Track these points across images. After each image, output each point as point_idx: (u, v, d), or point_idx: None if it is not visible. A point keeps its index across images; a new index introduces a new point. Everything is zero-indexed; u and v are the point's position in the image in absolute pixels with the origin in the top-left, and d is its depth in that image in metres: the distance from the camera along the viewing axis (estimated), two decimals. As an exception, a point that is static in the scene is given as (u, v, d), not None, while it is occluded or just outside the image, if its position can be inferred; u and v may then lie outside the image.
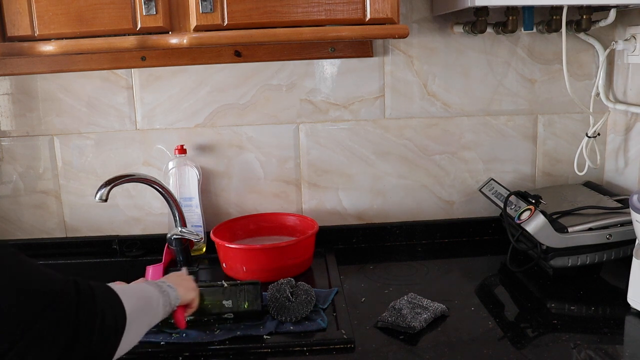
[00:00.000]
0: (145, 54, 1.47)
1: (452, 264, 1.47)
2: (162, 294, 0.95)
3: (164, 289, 0.97)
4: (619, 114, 1.54)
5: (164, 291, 0.96)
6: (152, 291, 0.94)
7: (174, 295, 0.99)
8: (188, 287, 1.05)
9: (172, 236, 1.43)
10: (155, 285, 0.97)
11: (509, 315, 1.19)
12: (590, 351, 1.02)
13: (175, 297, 0.99)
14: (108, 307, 0.75)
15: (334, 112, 1.56)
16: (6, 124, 1.53)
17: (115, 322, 0.76)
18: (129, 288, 0.90)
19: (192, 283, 1.08)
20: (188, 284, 1.06)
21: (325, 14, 1.20)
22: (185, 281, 1.07)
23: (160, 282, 0.99)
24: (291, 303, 1.13)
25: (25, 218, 1.58)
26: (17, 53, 1.21)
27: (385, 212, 1.62)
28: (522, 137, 1.60)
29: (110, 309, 0.76)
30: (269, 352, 1.05)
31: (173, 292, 0.99)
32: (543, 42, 1.54)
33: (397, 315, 1.13)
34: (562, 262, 1.28)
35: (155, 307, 0.92)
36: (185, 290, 1.04)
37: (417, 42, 1.52)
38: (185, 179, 1.50)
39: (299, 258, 1.37)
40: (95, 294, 0.74)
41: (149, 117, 1.54)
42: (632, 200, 1.08)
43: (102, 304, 0.74)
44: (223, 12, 1.17)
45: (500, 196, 1.43)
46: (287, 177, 1.59)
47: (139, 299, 0.87)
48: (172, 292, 0.99)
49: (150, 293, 0.93)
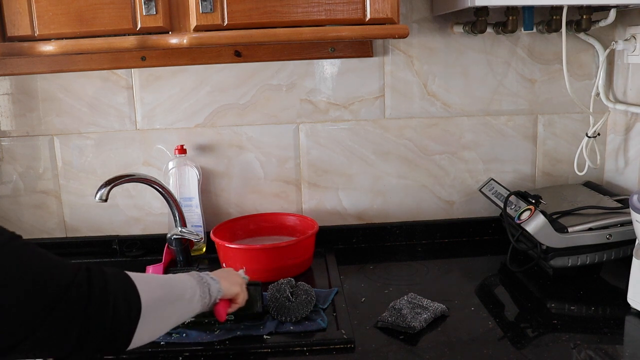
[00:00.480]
0: (145, 54, 1.47)
1: (452, 264, 1.47)
2: (201, 285, 0.93)
3: (204, 280, 0.95)
4: (619, 114, 1.54)
5: (205, 282, 0.94)
6: (185, 282, 0.92)
7: (216, 288, 0.96)
8: (233, 281, 1.03)
9: (172, 236, 1.43)
10: (196, 276, 0.95)
11: (509, 315, 1.19)
12: (590, 351, 1.02)
13: (217, 290, 0.96)
14: (121, 296, 0.74)
15: (334, 112, 1.56)
16: (6, 124, 1.54)
17: (128, 312, 0.75)
18: (153, 277, 0.88)
19: (238, 278, 1.06)
20: (233, 278, 1.04)
21: (325, 14, 1.20)
22: (231, 275, 1.05)
23: (203, 274, 0.97)
24: (291, 303, 1.13)
25: (25, 218, 1.58)
26: (17, 53, 1.21)
27: (385, 212, 1.62)
28: (522, 137, 1.60)
29: (123, 298, 0.75)
30: (269, 352, 1.05)
31: (215, 284, 0.97)
32: (543, 42, 1.54)
33: (397, 315, 1.13)
34: (562, 262, 1.28)
35: (188, 298, 0.90)
36: (230, 284, 1.01)
37: (417, 42, 1.52)
38: (185, 179, 1.50)
39: (299, 258, 1.37)
40: (108, 283, 0.73)
41: (149, 117, 1.54)
42: (632, 200, 1.08)
43: (114, 293, 0.73)
44: (223, 12, 1.17)
45: (500, 196, 1.43)
46: (287, 177, 1.59)
47: (162, 287, 0.85)
48: (214, 284, 0.96)
49: (181, 283, 0.91)
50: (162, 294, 0.84)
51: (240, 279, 1.06)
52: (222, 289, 0.98)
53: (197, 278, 0.95)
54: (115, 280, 0.76)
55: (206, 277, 0.97)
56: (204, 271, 1.01)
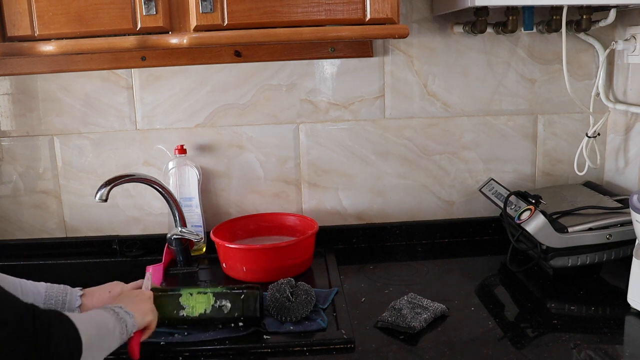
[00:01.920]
0: (145, 54, 1.47)
1: (452, 264, 1.47)
2: (119, 321, 0.92)
3: (120, 315, 0.93)
4: (619, 114, 1.54)
5: (121, 318, 0.93)
6: (108, 318, 0.91)
7: (131, 323, 0.94)
8: (145, 311, 1.00)
9: (172, 236, 1.43)
10: (112, 312, 0.93)
11: (509, 315, 1.19)
12: (590, 351, 1.02)
13: (132, 325, 0.95)
14: (63, 336, 0.76)
15: (334, 112, 1.56)
16: (6, 124, 1.54)
17: (70, 352, 0.76)
18: (86, 316, 0.88)
19: (149, 304, 1.02)
20: (145, 307, 1.01)
21: (325, 14, 1.20)
22: (142, 303, 1.02)
23: (117, 308, 0.95)
24: (291, 303, 1.13)
25: (25, 218, 1.58)
26: (17, 53, 1.21)
27: (385, 212, 1.62)
28: (522, 137, 1.60)
29: (65, 338, 0.76)
30: (269, 352, 1.05)
31: (130, 319, 0.94)
32: (543, 42, 1.54)
33: (397, 315, 1.13)
34: (562, 262, 1.28)
35: (112, 335, 0.90)
36: (142, 315, 0.99)
37: (417, 42, 1.52)
38: (185, 179, 1.50)
39: (299, 258, 1.37)
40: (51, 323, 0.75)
41: (149, 117, 1.54)
42: (632, 200, 1.08)
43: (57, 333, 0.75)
44: (223, 12, 1.17)
45: (500, 196, 1.43)
46: (287, 177, 1.59)
47: (96, 326, 0.86)
48: (129, 319, 0.94)
49: (106, 319, 0.90)
50: (97, 335, 0.85)
51: (150, 305, 1.03)
52: (136, 323, 0.96)
53: (113, 315, 0.92)
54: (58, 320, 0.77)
55: (121, 312, 0.94)
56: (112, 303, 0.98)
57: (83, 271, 1.52)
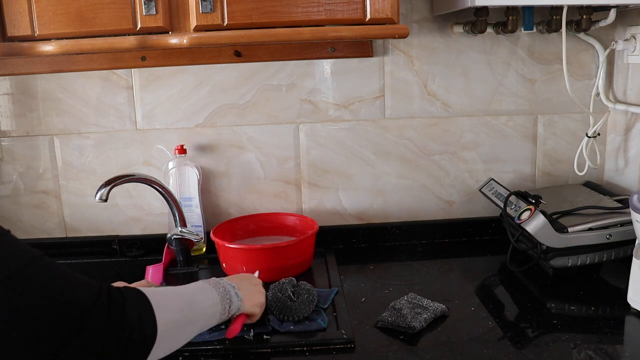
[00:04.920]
0: (145, 54, 1.47)
1: (452, 264, 1.47)
2: (223, 301, 0.90)
3: (229, 296, 0.91)
4: (619, 114, 1.54)
5: (227, 299, 0.91)
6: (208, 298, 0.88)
7: (236, 306, 0.93)
8: (255, 302, 0.99)
9: (172, 236, 1.43)
10: (221, 289, 0.91)
11: (509, 315, 1.19)
12: (590, 351, 1.02)
13: (236, 308, 0.93)
14: (137, 322, 0.72)
15: (334, 112, 1.56)
16: (6, 124, 1.54)
17: (143, 337, 0.73)
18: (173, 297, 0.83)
19: (262, 298, 1.01)
20: (257, 299, 1.00)
21: (325, 14, 1.20)
22: (257, 294, 1.00)
23: (229, 286, 0.93)
24: (293, 303, 1.13)
25: (25, 218, 1.58)
26: (17, 53, 1.21)
27: (385, 212, 1.62)
28: (522, 137, 1.60)
29: (139, 324, 0.72)
30: (269, 352, 1.05)
31: (237, 302, 0.93)
32: (543, 42, 1.54)
33: (397, 315, 1.13)
34: (562, 262, 1.28)
35: (206, 318, 0.87)
36: (252, 305, 0.97)
37: (417, 42, 1.52)
38: (185, 179, 1.50)
39: (299, 258, 1.37)
40: (127, 306, 0.71)
41: (149, 117, 1.54)
42: (632, 200, 1.08)
43: (132, 317, 0.71)
44: (223, 12, 1.17)
45: (500, 196, 1.43)
46: (287, 177, 1.59)
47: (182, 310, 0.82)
48: (236, 302, 0.93)
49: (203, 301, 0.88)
50: (180, 317, 0.81)
51: (263, 300, 1.02)
52: (242, 307, 0.95)
53: (221, 292, 0.90)
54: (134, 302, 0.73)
55: (231, 292, 0.92)
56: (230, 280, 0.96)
57: (83, 271, 1.49)
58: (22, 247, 0.67)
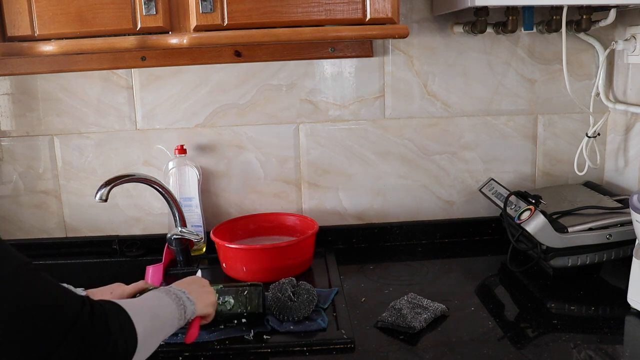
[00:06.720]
0: (145, 54, 1.47)
1: (452, 264, 1.47)
2: (178, 307, 0.91)
3: (182, 301, 0.92)
4: (619, 114, 1.54)
5: (182, 305, 0.92)
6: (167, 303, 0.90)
7: (191, 310, 0.94)
8: (207, 303, 1.00)
9: (172, 236, 1.43)
10: (174, 296, 0.92)
11: (509, 315, 1.19)
12: (590, 351, 1.02)
13: (191, 312, 0.94)
14: (119, 333, 0.73)
15: (334, 112, 1.56)
16: (6, 124, 1.54)
17: (125, 348, 0.74)
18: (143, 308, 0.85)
19: (212, 298, 1.03)
20: (208, 299, 1.01)
21: (325, 14, 1.20)
22: (207, 295, 1.01)
23: (179, 292, 0.94)
24: (293, 303, 1.13)
25: (25, 218, 1.58)
26: (17, 53, 1.21)
27: (385, 212, 1.62)
28: (522, 137, 1.60)
29: (121, 335, 0.74)
30: (269, 352, 1.05)
31: (191, 306, 0.94)
32: (543, 42, 1.54)
33: (397, 315, 1.13)
34: (562, 262, 1.28)
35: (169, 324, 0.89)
36: (204, 306, 0.99)
37: (417, 42, 1.52)
38: (185, 179, 1.50)
39: (299, 258, 1.37)
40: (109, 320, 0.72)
41: (149, 117, 1.54)
42: (632, 200, 1.08)
43: (114, 330, 0.72)
44: (223, 12, 1.17)
45: (500, 196, 1.43)
46: (287, 177, 1.59)
47: (152, 319, 0.84)
48: (190, 306, 0.94)
49: (165, 304, 0.89)
50: (151, 326, 0.82)
51: (213, 299, 1.03)
52: (196, 311, 0.96)
53: (175, 300, 0.92)
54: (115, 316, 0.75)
55: (183, 298, 0.93)
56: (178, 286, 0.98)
57: (83, 271, 1.53)
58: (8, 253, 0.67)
